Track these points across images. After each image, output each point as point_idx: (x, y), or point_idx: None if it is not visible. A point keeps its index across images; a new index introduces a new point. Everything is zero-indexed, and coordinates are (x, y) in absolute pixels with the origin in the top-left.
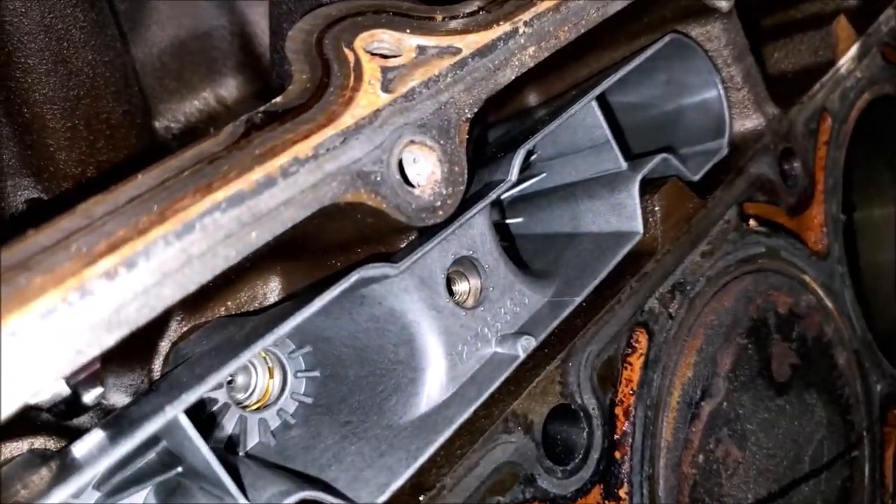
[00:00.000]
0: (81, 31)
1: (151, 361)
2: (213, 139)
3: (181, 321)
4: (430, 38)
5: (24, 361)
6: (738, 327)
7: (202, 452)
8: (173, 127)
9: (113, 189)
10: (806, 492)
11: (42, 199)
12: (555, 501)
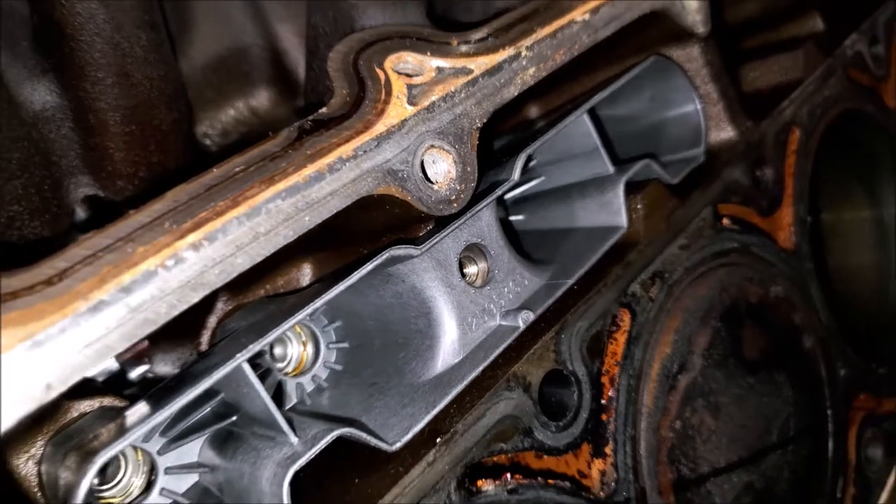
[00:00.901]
0: (143, 49)
1: (199, 336)
2: (272, 141)
3: (226, 301)
4: (447, 60)
5: (138, 310)
6: (713, 312)
7: (261, 396)
8: (211, 133)
9: (193, 179)
10: (774, 460)
11: (98, 196)
12: (549, 452)
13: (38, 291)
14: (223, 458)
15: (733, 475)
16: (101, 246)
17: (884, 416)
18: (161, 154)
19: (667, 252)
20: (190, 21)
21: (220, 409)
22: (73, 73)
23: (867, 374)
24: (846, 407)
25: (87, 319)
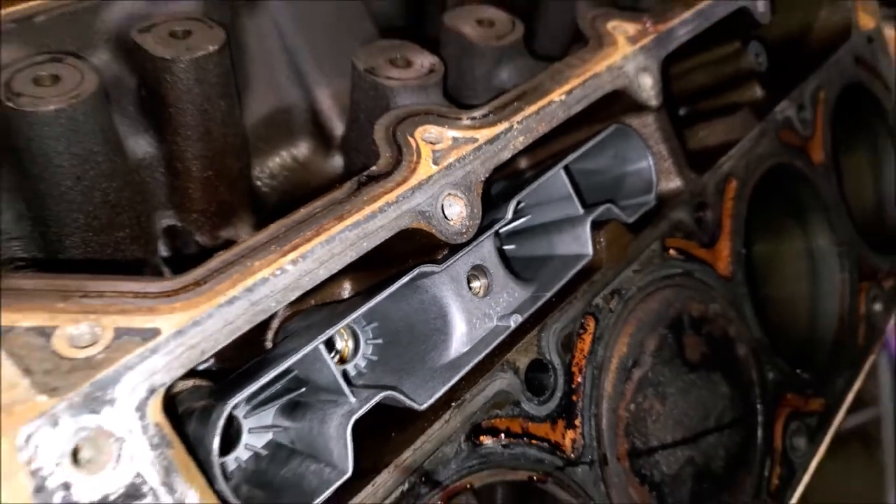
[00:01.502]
0: (221, 113)
1: (265, 336)
2: (340, 191)
3: (286, 308)
4: (459, 131)
5: (256, 304)
6: (661, 322)
7: (331, 368)
8: (261, 176)
9: (288, 216)
10: (711, 441)
11: (177, 226)
12: (532, 420)
13: (191, 290)
14: (293, 420)
15: (677, 450)
16: (229, 261)
17: (808, 413)
18: (229, 194)
19: (623, 274)
20: (249, 86)
21: (291, 384)
22: (169, 131)
23: (794, 378)
24: (774, 404)
25: (224, 308)
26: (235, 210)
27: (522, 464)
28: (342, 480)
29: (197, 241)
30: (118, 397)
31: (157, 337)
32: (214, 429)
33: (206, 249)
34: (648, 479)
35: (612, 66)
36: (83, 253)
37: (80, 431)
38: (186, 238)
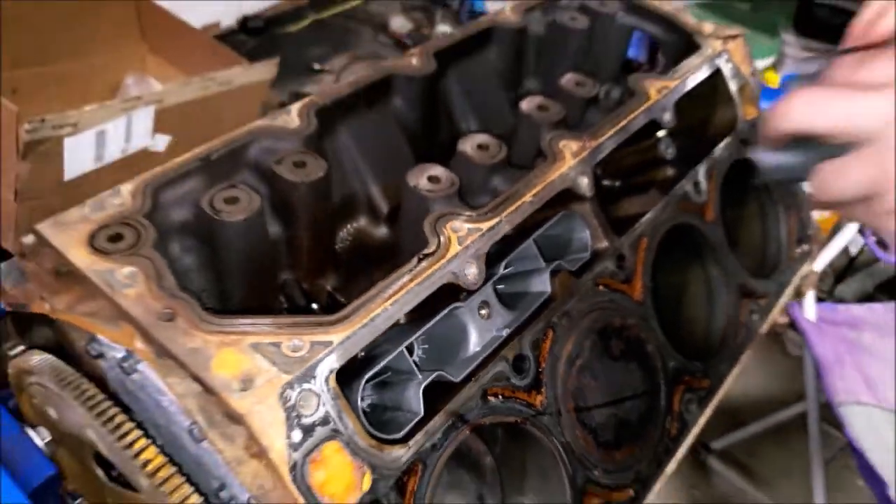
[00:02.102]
0: (322, 210)
1: None
2: (408, 266)
3: None
4: (471, 223)
5: (373, 327)
6: (594, 331)
7: (408, 360)
8: (337, 241)
9: (385, 280)
10: (628, 405)
11: (290, 279)
12: (517, 389)
13: (345, 320)
14: (381, 390)
15: (605, 409)
16: (360, 304)
17: (699, 389)
18: (323, 255)
19: (570, 303)
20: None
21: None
22: (292, 222)
23: (689, 366)
24: (674, 383)
25: (360, 330)
26: (325, 265)
27: (512, 413)
28: (417, 419)
29: (303, 288)
30: (317, 375)
31: (331, 345)
32: (358, 390)
33: (308, 294)
34: (587, 425)
35: (562, 174)
36: (241, 302)
37: (301, 391)
38: (294, 288)
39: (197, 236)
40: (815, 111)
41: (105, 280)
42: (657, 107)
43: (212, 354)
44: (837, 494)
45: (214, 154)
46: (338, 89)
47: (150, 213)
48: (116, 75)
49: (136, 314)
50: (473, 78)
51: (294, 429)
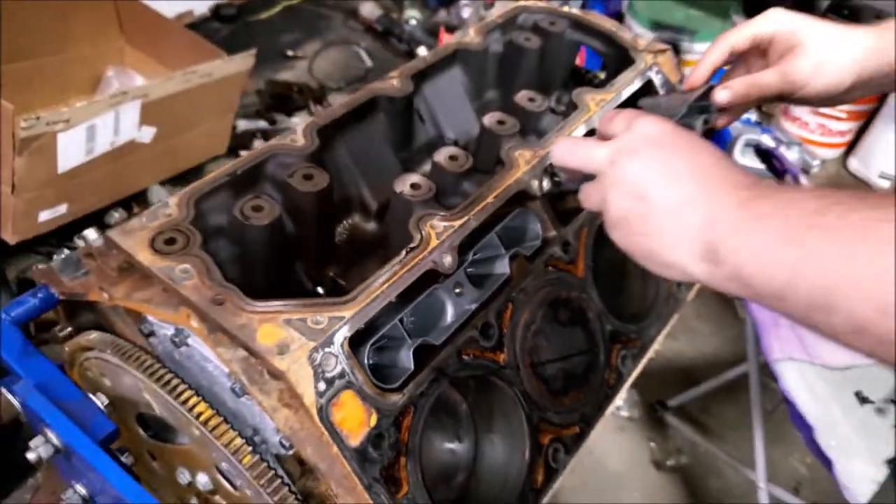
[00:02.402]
0: (327, 210)
1: None
2: (398, 257)
3: None
4: (446, 222)
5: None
6: (546, 303)
7: (400, 328)
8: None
9: (381, 270)
10: (574, 361)
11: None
12: (484, 349)
13: (353, 300)
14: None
15: (555, 364)
16: (364, 289)
17: (632, 347)
18: (325, 247)
19: (525, 282)
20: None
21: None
22: (302, 222)
23: (623, 329)
24: (611, 342)
25: (365, 308)
26: (328, 256)
27: (481, 368)
28: (409, 373)
29: (310, 275)
30: (334, 342)
31: (344, 319)
32: (365, 352)
33: (314, 280)
34: (541, 377)
35: (517, 179)
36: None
37: (325, 354)
38: (303, 275)
39: (230, 237)
40: (567, 154)
41: (167, 275)
42: (595, 117)
43: (256, 329)
44: (778, 443)
45: (239, 170)
46: (333, 111)
47: (194, 220)
48: (96, 68)
49: (194, 300)
50: (444, 93)
51: (320, 381)
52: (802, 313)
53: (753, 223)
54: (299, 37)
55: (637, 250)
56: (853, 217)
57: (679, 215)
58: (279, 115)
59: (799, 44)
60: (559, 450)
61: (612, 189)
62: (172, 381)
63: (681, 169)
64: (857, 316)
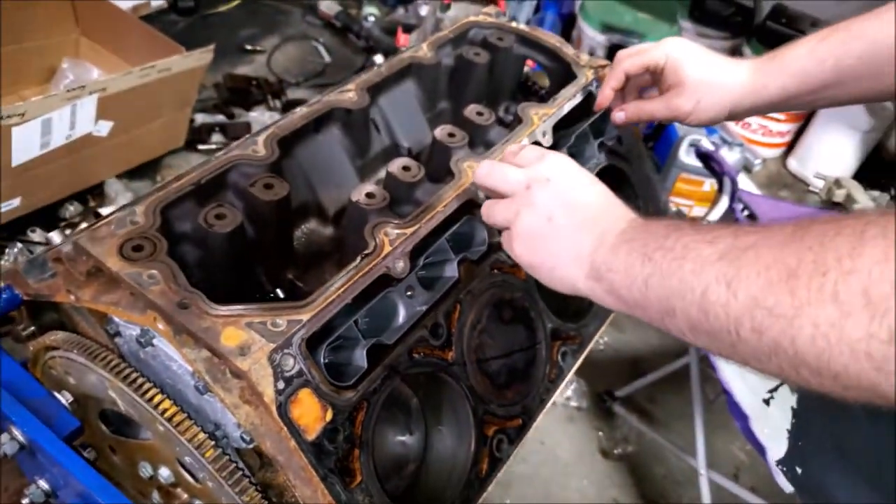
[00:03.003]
0: (286, 217)
1: None
2: (354, 263)
3: None
4: (399, 229)
5: (332, 311)
6: (491, 303)
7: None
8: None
9: (338, 275)
10: (517, 357)
11: (261, 271)
12: (434, 347)
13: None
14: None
15: (499, 360)
16: (321, 293)
17: (572, 344)
18: (284, 251)
19: (472, 284)
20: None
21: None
22: (262, 230)
23: (563, 327)
24: (551, 339)
25: (322, 311)
26: (286, 259)
27: (430, 365)
28: (362, 371)
29: (271, 279)
30: (293, 343)
31: (302, 322)
32: (321, 352)
33: (274, 282)
34: (486, 372)
35: (465, 189)
36: (227, 290)
37: (284, 355)
38: (264, 278)
39: (195, 244)
40: (485, 176)
41: (135, 280)
42: (538, 130)
43: (219, 331)
44: (720, 430)
45: (204, 179)
46: (293, 122)
47: (161, 227)
48: (51, 59)
49: (161, 304)
50: (398, 104)
51: (279, 380)
52: (659, 318)
53: (624, 246)
54: (258, 31)
55: (538, 263)
56: (685, 239)
57: (577, 238)
58: (237, 109)
59: (682, 83)
60: (503, 440)
61: (525, 209)
62: (138, 380)
63: (581, 200)
64: (688, 316)
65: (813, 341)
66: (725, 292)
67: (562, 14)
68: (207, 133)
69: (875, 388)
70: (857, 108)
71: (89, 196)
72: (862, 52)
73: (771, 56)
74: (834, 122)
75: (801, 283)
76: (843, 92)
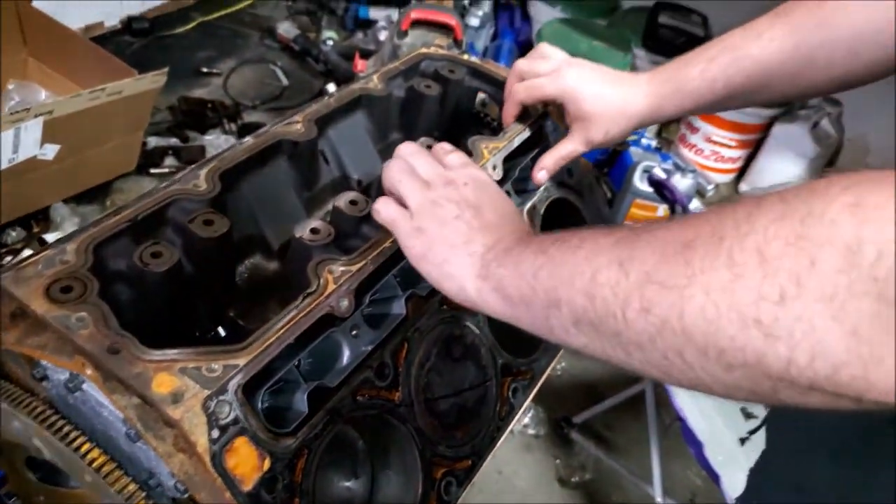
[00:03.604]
0: (227, 253)
1: None
2: (295, 302)
3: None
4: (344, 266)
5: (271, 353)
6: (439, 340)
7: (297, 374)
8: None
9: (281, 314)
10: (466, 395)
11: (201, 309)
12: (380, 388)
13: (247, 348)
14: (274, 397)
15: (448, 399)
16: (259, 336)
17: (522, 379)
18: (225, 288)
19: (420, 321)
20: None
21: (275, 382)
22: (202, 267)
23: (514, 362)
24: (502, 376)
25: (260, 355)
26: (230, 297)
27: (375, 407)
28: (303, 416)
29: (211, 316)
30: (228, 389)
31: (238, 366)
32: (259, 397)
33: (216, 319)
34: (434, 412)
35: None
36: (165, 330)
37: (219, 402)
38: (204, 316)
39: (130, 283)
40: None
41: (62, 324)
42: (489, 164)
43: (151, 377)
44: (677, 456)
45: (140, 216)
46: (236, 155)
47: (93, 266)
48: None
49: (89, 349)
50: (348, 136)
51: (213, 429)
52: (543, 316)
53: (519, 246)
54: (214, 54)
55: (430, 256)
56: (583, 233)
57: (476, 237)
58: (192, 133)
59: (586, 117)
60: (451, 483)
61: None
62: (64, 427)
63: (490, 208)
64: (574, 305)
65: (702, 311)
66: (617, 272)
67: (519, 42)
68: (160, 156)
69: (760, 360)
70: (804, 137)
71: (33, 221)
72: (750, 72)
73: (668, 75)
74: (783, 149)
75: (697, 253)
76: (734, 104)
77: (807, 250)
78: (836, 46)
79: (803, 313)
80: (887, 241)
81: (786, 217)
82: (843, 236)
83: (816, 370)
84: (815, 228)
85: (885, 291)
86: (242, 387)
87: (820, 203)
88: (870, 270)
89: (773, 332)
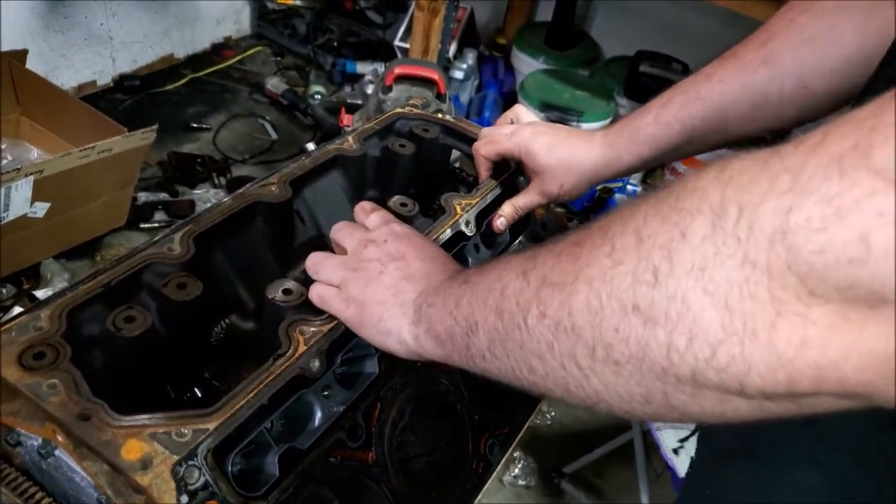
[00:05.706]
0: (200, 313)
1: None
2: (266, 365)
3: None
4: (316, 327)
5: (242, 417)
6: (413, 398)
7: (268, 437)
8: (211, 335)
9: (249, 377)
10: (441, 453)
11: (176, 370)
12: (353, 448)
13: (217, 412)
14: (245, 459)
15: (423, 458)
16: (230, 398)
17: (500, 435)
18: (199, 350)
19: (394, 380)
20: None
21: (246, 445)
22: (176, 330)
23: (491, 418)
24: (479, 432)
25: (230, 419)
26: (205, 358)
27: (348, 469)
28: (274, 479)
29: (185, 377)
30: (198, 454)
31: (208, 431)
32: (229, 461)
33: (190, 381)
34: (409, 471)
35: None
36: (140, 392)
37: (188, 467)
38: (178, 377)
39: (103, 348)
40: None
41: (33, 391)
42: (462, 220)
43: (121, 444)
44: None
45: (114, 281)
46: (211, 218)
47: (66, 332)
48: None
49: (59, 416)
50: (323, 196)
51: (182, 494)
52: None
53: (447, 282)
54: (204, 109)
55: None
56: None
57: (405, 287)
58: (182, 187)
59: (542, 171)
60: None
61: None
62: (36, 495)
63: (415, 256)
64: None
65: (587, 304)
66: (521, 282)
67: (503, 92)
68: (150, 211)
69: (644, 350)
70: None
71: (23, 278)
72: (704, 114)
73: (623, 125)
74: None
75: (584, 248)
76: (694, 148)
77: (678, 224)
78: (785, 81)
79: (676, 291)
80: (748, 198)
81: (664, 198)
82: (711, 201)
83: (696, 354)
84: (686, 201)
85: (749, 252)
86: (213, 451)
87: (693, 178)
88: (733, 230)
89: (652, 316)
